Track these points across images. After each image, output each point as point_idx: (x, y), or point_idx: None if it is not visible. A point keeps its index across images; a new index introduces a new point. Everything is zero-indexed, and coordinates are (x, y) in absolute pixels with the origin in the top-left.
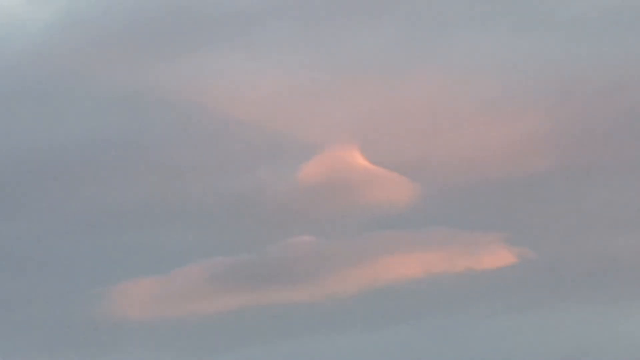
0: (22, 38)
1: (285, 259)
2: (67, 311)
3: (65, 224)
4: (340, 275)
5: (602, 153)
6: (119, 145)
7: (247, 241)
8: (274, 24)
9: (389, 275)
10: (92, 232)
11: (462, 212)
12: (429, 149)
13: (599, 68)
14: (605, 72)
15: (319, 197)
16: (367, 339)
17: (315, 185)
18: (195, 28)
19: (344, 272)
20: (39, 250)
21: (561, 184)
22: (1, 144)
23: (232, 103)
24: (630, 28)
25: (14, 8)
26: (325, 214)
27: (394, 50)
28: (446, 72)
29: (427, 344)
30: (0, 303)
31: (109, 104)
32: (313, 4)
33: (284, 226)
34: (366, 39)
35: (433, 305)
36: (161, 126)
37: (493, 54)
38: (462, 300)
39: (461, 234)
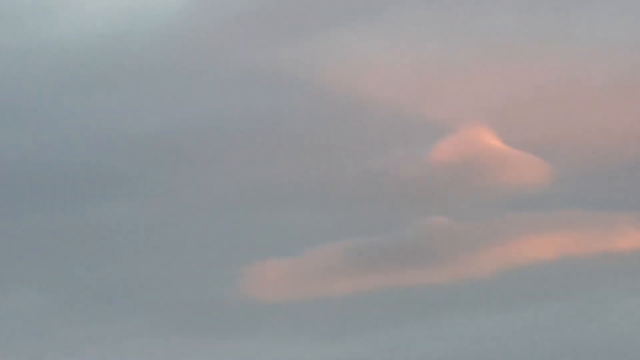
0: (158, 16)
1: (419, 240)
2: (201, 292)
3: (199, 205)
4: (474, 256)
5: None
6: (252, 126)
7: (380, 222)
8: (408, 1)
9: (523, 257)
10: (225, 213)
11: (596, 193)
12: (562, 129)
13: None
14: None
15: (452, 177)
16: (503, 320)
17: (448, 166)
18: (327, 5)
19: (478, 254)
20: (173, 232)
21: None
22: (139, 124)
23: (364, 82)
24: None
25: None
26: (459, 194)
27: (528, 28)
28: (581, 50)
29: (563, 325)
30: (136, 285)
31: (242, 84)
32: None
33: (417, 207)
34: (500, 17)
35: (568, 287)
36: (293, 105)
37: (629, 30)
38: (597, 282)
39: (596, 215)
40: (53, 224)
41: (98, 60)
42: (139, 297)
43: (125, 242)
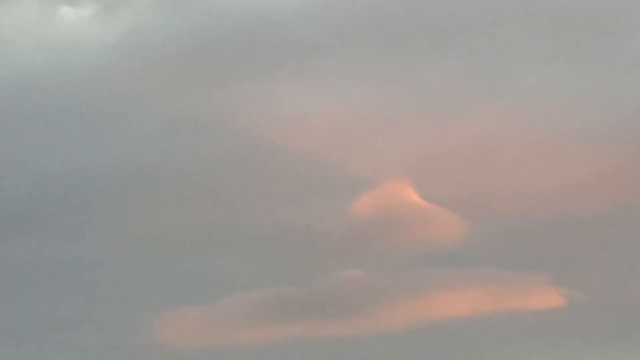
0: (85, 56)
1: (333, 292)
2: (114, 336)
3: (117, 250)
4: (388, 310)
5: None
6: (173, 172)
7: (296, 273)
8: (335, 55)
9: (436, 313)
10: (142, 259)
11: (511, 251)
12: (481, 187)
13: None
14: None
15: (369, 231)
16: None
17: (366, 220)
18: (256, 54)
19: (392, 308)
20: (91, 273)
21: (616, 226)
22: (57, 165)
23: (288, 132)
24: None
25: (78, 25)
26: (376, 248)
27: (452, 86)
28: (505, 109)
29: None
30: (53, 325)
31: (167, 129)
32: (375, 36)
33: (333, 259)
34: (426, 74)
35: (480, 345)
36: (216, 153)
37: (554, 91)
38: (508, 340)
39: (510, 274)
40: None
41: (26, 97)
42: (54, 338)
43: (43, 281)
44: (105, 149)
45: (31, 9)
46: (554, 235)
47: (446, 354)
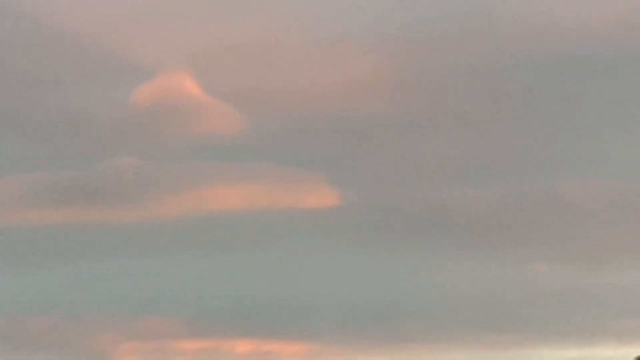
0: None
1: (109, 179)
2: None
3: None
4: (162, 199)
5: (441, 103)
6: None
7: (73, 158)
8: None
9: (210, 205)
10: None
11: (290, 149)
12: (263, 83)
13: (447, 14)
14: (453, 19)
15: (148, 120)
16: (184, 264)
17: (145, 109)
18: None
19: (166, 197)
20: None
21: (394, 130)
22: None
23: (73, 17)
24: None
25: None
26: (153, 138)
27: None
28: (290, 5)
29: (247, 274)
30: None
31: None
32: None
33: (111, 147)
34: None
35: (255, 239)
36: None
37: None
38: (281, 236)
39: (286, 171)
40: None
41: None
42: None
43: None
44: None
45: None
46: (331, 135)
47: (221, 246)
